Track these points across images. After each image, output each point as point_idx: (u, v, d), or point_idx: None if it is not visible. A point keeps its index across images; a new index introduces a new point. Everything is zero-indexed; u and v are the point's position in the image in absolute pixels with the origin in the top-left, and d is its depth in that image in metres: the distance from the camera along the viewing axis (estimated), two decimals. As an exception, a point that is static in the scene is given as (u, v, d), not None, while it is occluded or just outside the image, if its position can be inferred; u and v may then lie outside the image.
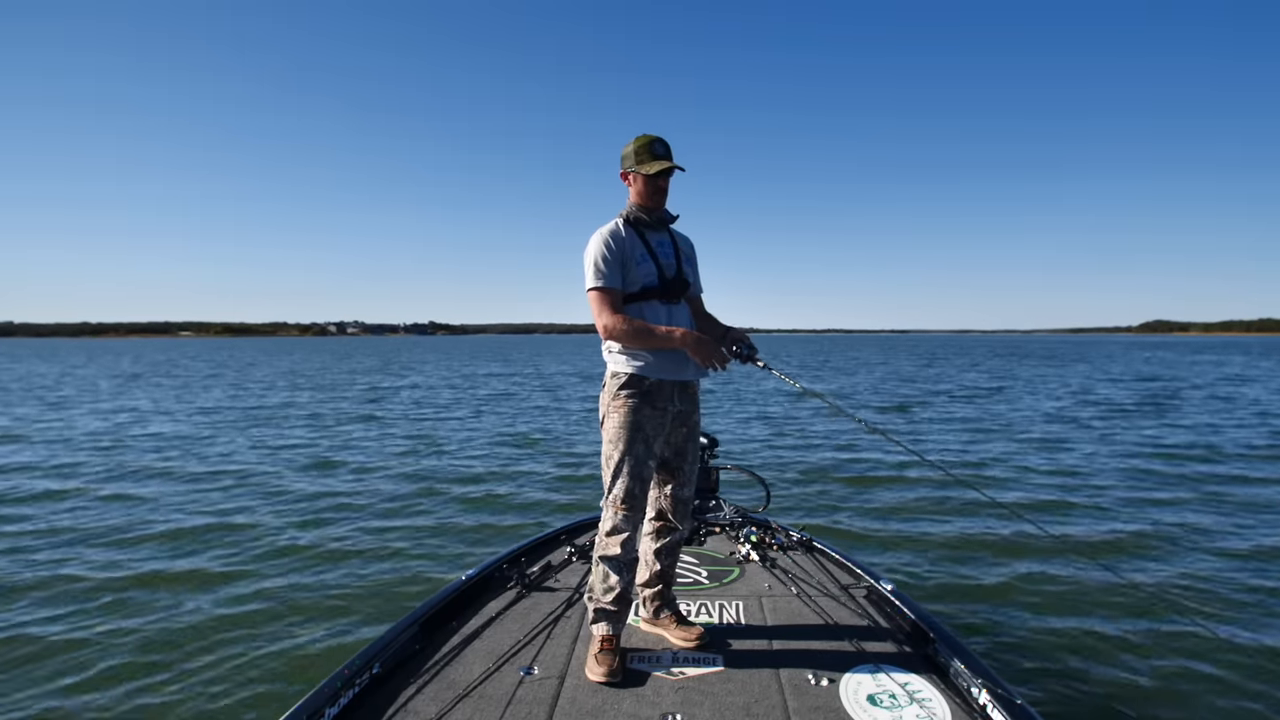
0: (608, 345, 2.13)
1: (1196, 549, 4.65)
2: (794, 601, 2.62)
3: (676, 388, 2.15)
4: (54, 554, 4.65)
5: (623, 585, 2.12)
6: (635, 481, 2.08)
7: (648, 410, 2.08)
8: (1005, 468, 7.62)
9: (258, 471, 7.57)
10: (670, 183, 2.18)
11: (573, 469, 7.74)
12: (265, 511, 5.81)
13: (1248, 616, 3.60)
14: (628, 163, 2.14)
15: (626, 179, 2.18)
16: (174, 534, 5.13)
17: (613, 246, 2.07)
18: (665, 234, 2.24)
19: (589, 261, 2.06)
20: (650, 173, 2.10)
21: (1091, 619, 3.58)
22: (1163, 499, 6.07)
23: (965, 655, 2.06)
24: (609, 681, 2.01)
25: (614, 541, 2.11)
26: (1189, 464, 7.68)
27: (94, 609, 3.74)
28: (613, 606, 2.13)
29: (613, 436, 2.08)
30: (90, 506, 5.97)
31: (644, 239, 2.14)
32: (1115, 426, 10.71)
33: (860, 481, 6.95)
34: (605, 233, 2.10)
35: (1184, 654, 3.21)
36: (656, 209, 2.18)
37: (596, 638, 2.13)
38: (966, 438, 9.75)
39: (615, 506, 2.09)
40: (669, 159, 2.12)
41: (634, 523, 2.11)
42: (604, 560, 2.13)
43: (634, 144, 2.13)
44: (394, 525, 5.38)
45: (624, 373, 2.08)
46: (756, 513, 3.64)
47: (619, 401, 2.08)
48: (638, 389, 2.08)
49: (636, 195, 2.17)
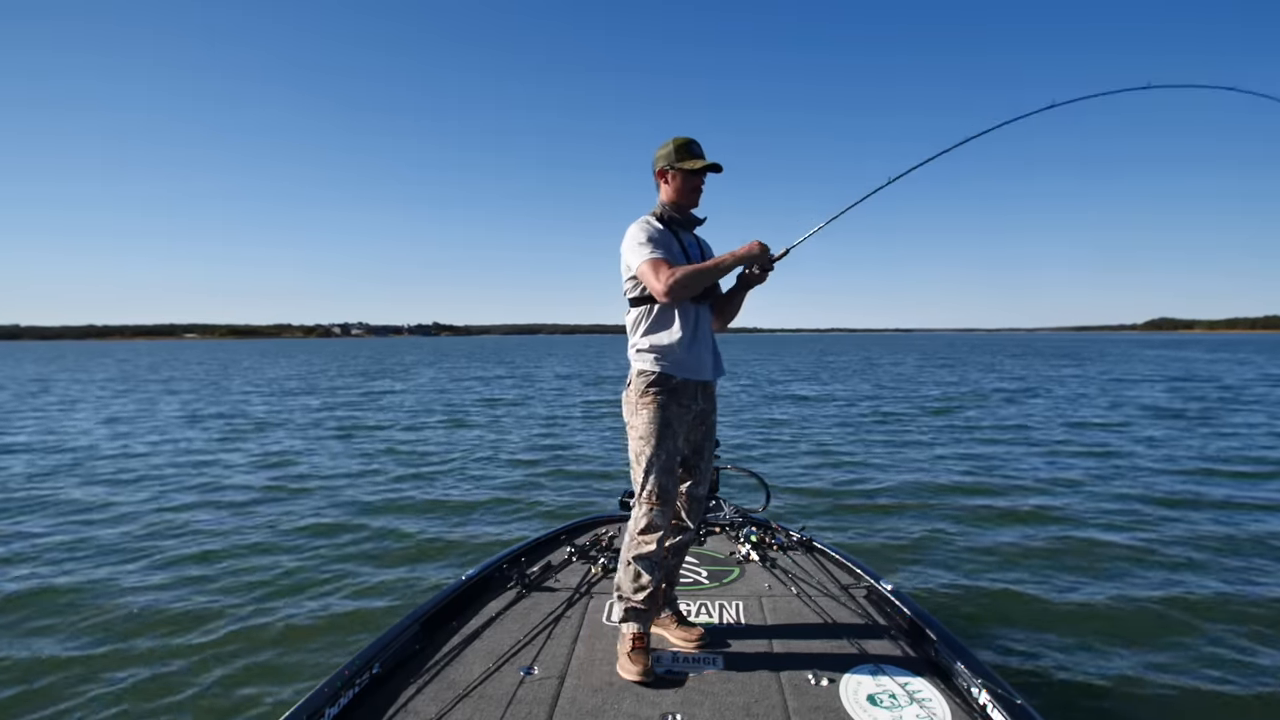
0: (635, 344, 2.17)
1: (1214, 559, 4.62)
2: (794, 601, 2.62)
3: (699, 387, 2.20)
4: (54, 554, 4.67)
5: (655, 583, 2.13)
6: (668, 477, 2.11)
7: (675, 407, 2.12)
8: (1038, 475, 7.56)
9: (257, 471, 7.60)
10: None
11: (572, 469, 7.74)
12: (264, 512, 5.82)
13: (1250, 618, 3.58)
14: (666, 160, 2.17)
15: (663, 177, 2.20)
16: (175, 534, 5.15)
17: (654, 231, 2.12)
18: (693, 236, 2.30)
19: (633, 241, 2.10)
20: (693, 169, 2.14)
21: (1092, 619, 3.57)
22: (1190, 506, 5.97)
23: (965, 655, 2.06)
24: (643, 681, 2.01)
25: (649, 539, 2.12)
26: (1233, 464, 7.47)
27: (94, 609, 3.75)
28: (644, 605, 2.14)
29: (644, 433, 2.10)
30: (92, 506, 6.00)
31: (678, 238, 2.20)
32: (1172, 432, 9.93)
33: (860, 481, 6.94)
34: (645, 222, 2.16)
35: (1185, 655, 3.19)
36: (691, 207, 2.23)
37: (627, 636, 2.13)
38: (1005, 443, 9.29)
39: (650, 503, 2.11)
40: (705, 158, 2.17)
41: (667, 519, 2.14)
42: (637, 559, 2.13)
43: (672, 144, 2.17)
44: (394, 525, 5.38)
45: (652, 371, 2.11)
46: (756, 513, 3.63)
47: (648, 399, 2.10)
48: (665, 387, 2.11)
49: (674, 193, 2.19)
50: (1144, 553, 4.55)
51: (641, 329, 2.16)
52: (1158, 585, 3.99)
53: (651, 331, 2.15)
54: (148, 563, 4.51)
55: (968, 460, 8.03)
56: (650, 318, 2.15)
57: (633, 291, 2.18)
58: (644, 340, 2.15)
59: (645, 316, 2.16)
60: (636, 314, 2.18)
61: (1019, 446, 8.93)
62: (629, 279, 2.17)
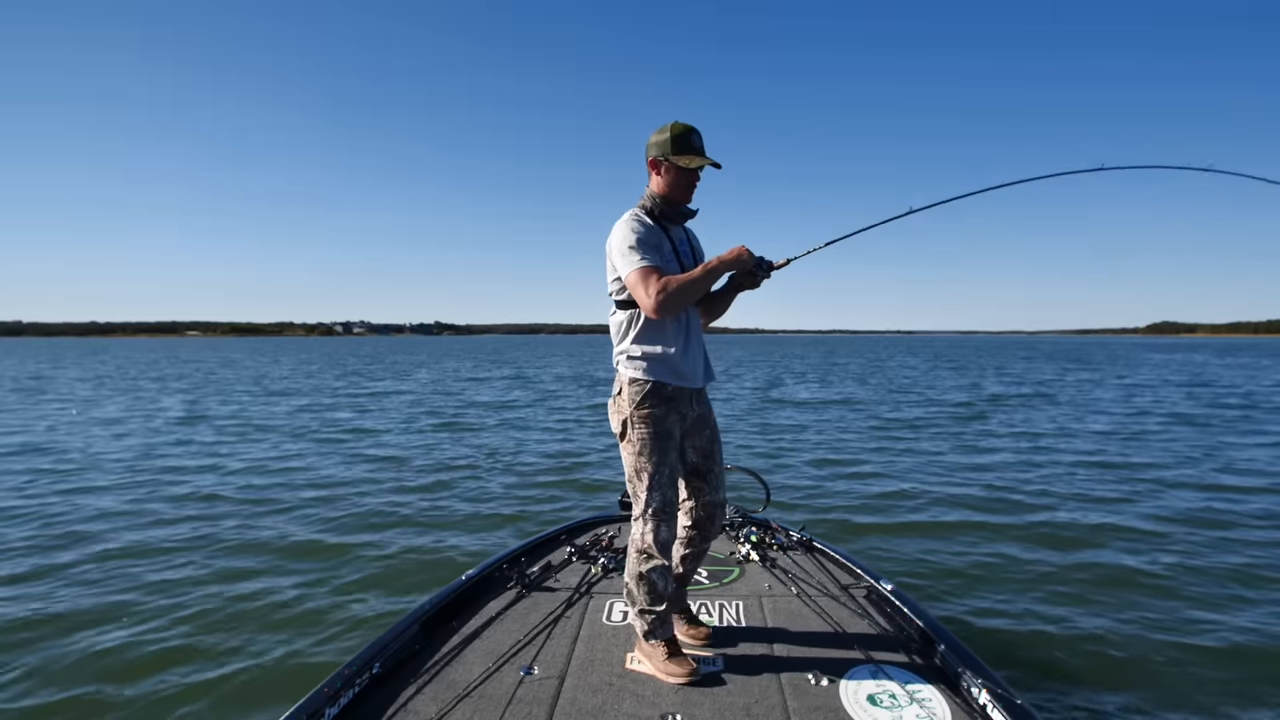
0: (626, 351, 2.04)
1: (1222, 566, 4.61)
2: (794, 601, 2.62)
3: (693, 393, 2.11)
4: (56, 551, 4.68)
5: (667, 591, 2.10)
6: (671, 491, 2.06)
7: (674, 417, 2.03)
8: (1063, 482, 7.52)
9: (256, 472, 7.61)
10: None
11: (573, 470, 7.74)
12: (263, 512, 5.83)
13: (1252, 619, 3.57)
14: (660, 150, 2.00)
15: (656, 168, 2.04)
16: (174, 534, 5.15)
17: (644, 232, 1.98)
18: (683, 230, 2.17)
19: (623, 244, 1.95)
20: (689, 166, 1.99)
21: (1092, 620, 3.56)
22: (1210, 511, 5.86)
23: (965, 655, 2.06)
24: (691, 681, 2.00)
25: (655, 553, 2.06)
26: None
27: (95, 610, 3.76)
28: (663, 612, 2.10)
29: (640, 449, 2.00)
30: (93, 508, 6.01)
31: (668, 235, 2.07)
32: (1219, 440, 9.43)
33: (860, 479, 6.93)
34: (633, 219, 2.01)
35: (1186, 656, 3.19)
36: (683, 202, 2.08)
37: (661, 644, 2.08)
38: (1014, 449, 9.02)
39: (655, 519, 2.03)
40: (704, 153, 2.03)
41: (672, 531, 2.09)
42: (650, 573, 2.06)
43: (669, 130, 1.99)
44: (394, 525, 5.38)
45: (645, 380, 2.00)
46: (756, 513, 3.63)
47: (644, 411, 1.99)
48: (660, 396, 2.01)
49: (666, 186, 2.04)
50: (1150, 559, 4.53)
51: (631, 334, 2.03)
52: (1162, 592, 3.97)
53: (643, 336, 2.02)
54: (150, 555, 4.52)
55: (973, 463, 8.02)
56: (640, 321, 2.02)
57: (620, 294, 2.04)
58: (635, 347, 2.02)
59: (634, 320, 2.03)
60: (624, 317, 2.05)
61: (1041, 455, 8.82)
62: (615, 279, 2.03)
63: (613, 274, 2.03)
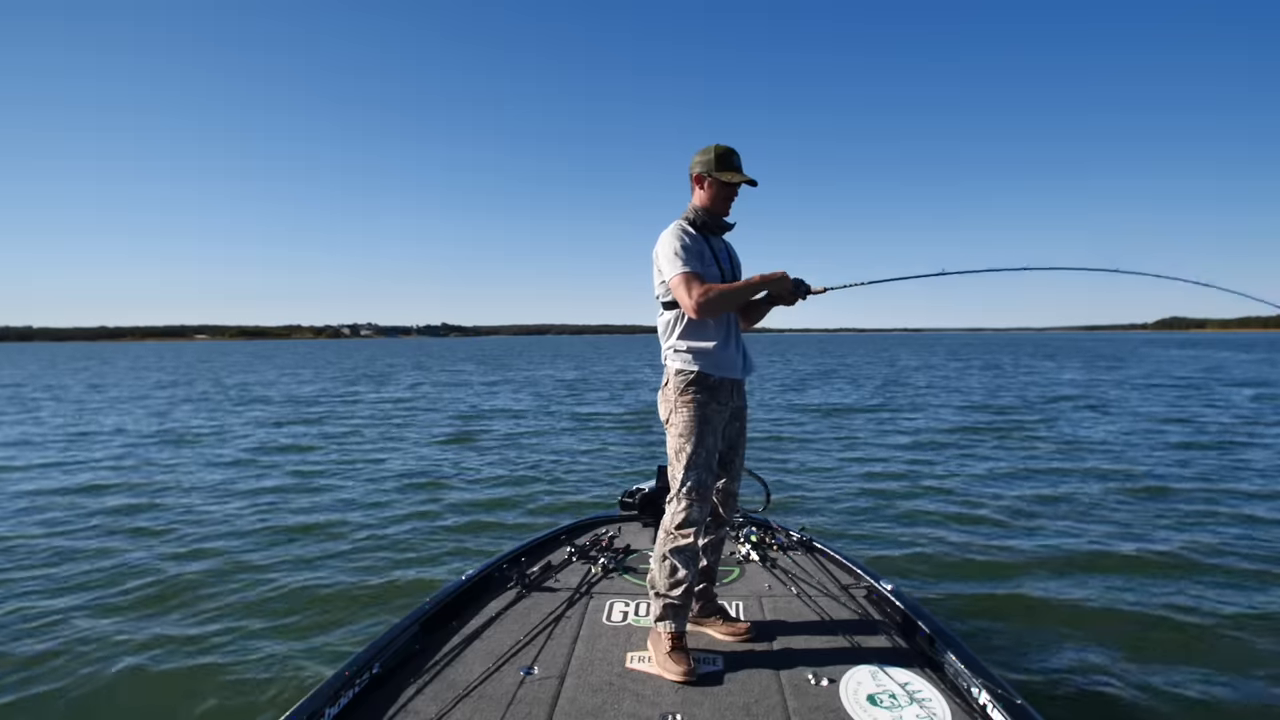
0: (672, 345, 2.24)
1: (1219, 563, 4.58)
2: (794, 601, 2.62)
3: (733, 384, 2.28)
4: (54, 551, 4.72)
5: (690, 579, 2.16)
6: (706, 473, 2.17)
7: (714, 405, 2.20)
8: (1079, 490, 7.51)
9: (255, 472, 7.66)
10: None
11: (572, 470, 7.75)
12: (263, 513, 5.86)
13: (1252, 619, 3.54)
14: (704, 167, 2.23)
15: (700, 183, 2.27)
16: (174, 535, 5.19)
17: (688, 240, 2.18)
18: (723, 241, 2.37)
19: (669, 250, 2.16)
20: (730, 182, 2.22)
21: (1092, 620, 3.54)
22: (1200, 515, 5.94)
23: (965, 655, 2.05)
24: (687, 680, 2.03)
25: (686, 533, 2.16)
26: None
27: (94, 610, 3.79)
28: (680, 601, 2.16)
29: (683, 431, 2.17)
30: (96, 509, 6.06)
31: (709, 244, 2.26)
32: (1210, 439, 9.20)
33: (860, 478, 6.92)
34: (679, 228, 2.22)
35: (1186, 656, 3.17)
36: (723, 215, 2.29)
37: (664, 636, 2.14)
38: (1023, 451, 9.19)
39: (689, 499, 2.16)
40: (742, 171, 2.26)
41: (704, 514, 2.18)
42: (674, 554, 2.16)
43: (713, 151, 2.23)
44: (393, 526, 5.40)
45: (690, 370, 2.19)
46: (756, 513, 3.63)
47: (687, 398, 2.18)
48: (703, 385, 2.19)
49: (709, 199, 2.26)
50: (1153, 562, 4.49)
51: (677, 331, 2.24)
52: (1168, 593, 3.94)
53: (687, 333, 2.23)
54: (149, 555, 4.56)
55: (981, 467, 7.99)
56: (684, 320, 2.23)
57: (666, 296, 2.25)
58: (680, 342, 2.23)
59: (679, 319, 2.24)
60: (670, 316, 2.26)
61: (1059, 459, 8.78)
62: (661, 282, 2.24)
63: (659, 278, 2.24)
